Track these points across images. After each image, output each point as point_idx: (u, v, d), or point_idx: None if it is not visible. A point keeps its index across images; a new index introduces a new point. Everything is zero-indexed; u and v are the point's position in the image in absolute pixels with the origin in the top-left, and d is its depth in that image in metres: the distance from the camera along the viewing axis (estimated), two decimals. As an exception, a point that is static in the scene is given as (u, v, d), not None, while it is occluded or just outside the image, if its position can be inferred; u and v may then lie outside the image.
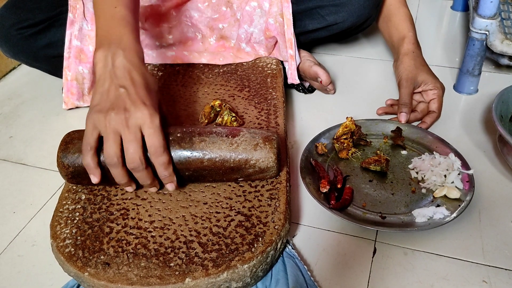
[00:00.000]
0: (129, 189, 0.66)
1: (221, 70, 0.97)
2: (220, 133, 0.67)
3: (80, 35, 0.92)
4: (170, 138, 0.66)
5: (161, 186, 0.67)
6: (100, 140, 0.62)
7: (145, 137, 0.61)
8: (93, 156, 0.62)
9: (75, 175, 0.67)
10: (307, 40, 1.00)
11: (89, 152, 0.62)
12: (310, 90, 1.01)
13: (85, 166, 0.63)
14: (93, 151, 0.62)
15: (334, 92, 1.00)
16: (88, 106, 0.98)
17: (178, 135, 0.66)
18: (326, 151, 0.80)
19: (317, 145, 0.80)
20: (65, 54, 0.92)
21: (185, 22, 0.98)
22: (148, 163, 0.62)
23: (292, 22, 0.92)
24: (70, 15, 0.91)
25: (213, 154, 0.65)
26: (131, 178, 0.64)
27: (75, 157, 0.66)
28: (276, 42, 0.98)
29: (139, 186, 0.67)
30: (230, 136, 0.67)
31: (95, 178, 0.63)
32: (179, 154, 0.65)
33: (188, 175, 0.67)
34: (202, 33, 0.99)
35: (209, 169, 0.66)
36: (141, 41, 0.96)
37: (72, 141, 0.67)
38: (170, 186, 0.65)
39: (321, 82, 0.94)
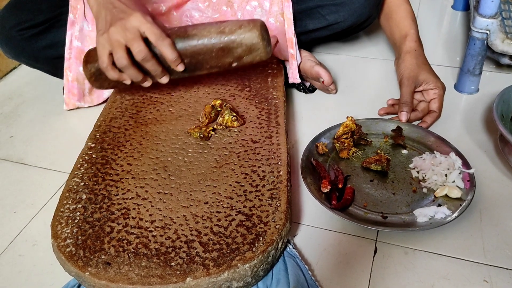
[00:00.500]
0: (147, 83, 0.80)
1: (222, 70, 0.97)
2: (210, 23, 0.79)
3: (80, 36, 0.92)
4: (168, 32, 0.76)
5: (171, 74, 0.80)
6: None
7: (145, 33, 0.72)
8: (113, 68, 0.75)
9: (97, 77, 0.81)
10: (308, 40, 1.00)
11: (108, 68, 0.75)
12: (311, 89, 1.01)
13: (113, 79, 0.77)
14: (110, 65, 0.75)
15: (336, 92, 1.00)
16: (89, 106, 0.98)
17: (175, 29, 0.78)
18: (327, 150, 0.80)
19: (318, 145, 0.80)
20: (66, 55, 0.92)
21: (185, 22, 0.98)
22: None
23: (292, 22, 0.92)
24: (70, 15, 0.91)
25: (205, 37, 0.76)
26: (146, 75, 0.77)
27: (97, 60, 0.77)
28: (277, 41, 0.98)
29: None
30: (218, 23, 0.78)
31: (128, 82, 0.78)
32: (176, 42, 0.76)
33: (187, 63, 0.78)
34: None
35: (203, 53, 0.77)
36: None
37: (95, 49, 0.78)
38: (180, 67, 0.77)
39: (323, 82, 0.94)
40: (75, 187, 0.69)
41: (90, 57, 0.80)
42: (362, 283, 0.63)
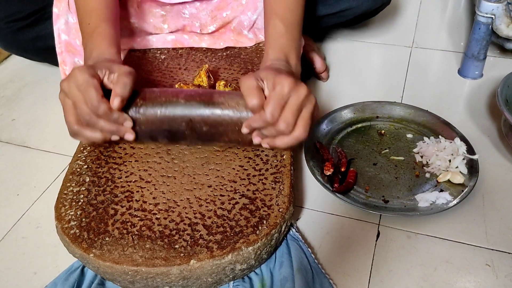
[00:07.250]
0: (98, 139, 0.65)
1: (224, 54, 0.96)
2: (237, 93, 0.64)
3: (66, 29, 0.89)
4: (191, 94, 0.64)
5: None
6: None
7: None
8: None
9: None
10: (318, 26, 0.98)
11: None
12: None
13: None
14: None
15: (326, 80, 0.99)
16: None
17: (200, 92, 0.65)
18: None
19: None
20: (58, 50, 0.90)
21: (181, 15, 0.95)
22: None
23: None
24: (55, 9, 0.89)
25: (232, 108, 0.62)
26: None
27: None
28: None
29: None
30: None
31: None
32: (197, 107, 0.63)
33: (205, 130, 0.64)
34: (201, 22, 0.97)
35: (226, 124, 0.63)
36: (137, 28, 0.94)
37: None
38: (128, 136, 0.63)
39: (315, 69, 0.94)
40: (78, 169, 0.69)
41: None
42: (364, 267, 0.63)
